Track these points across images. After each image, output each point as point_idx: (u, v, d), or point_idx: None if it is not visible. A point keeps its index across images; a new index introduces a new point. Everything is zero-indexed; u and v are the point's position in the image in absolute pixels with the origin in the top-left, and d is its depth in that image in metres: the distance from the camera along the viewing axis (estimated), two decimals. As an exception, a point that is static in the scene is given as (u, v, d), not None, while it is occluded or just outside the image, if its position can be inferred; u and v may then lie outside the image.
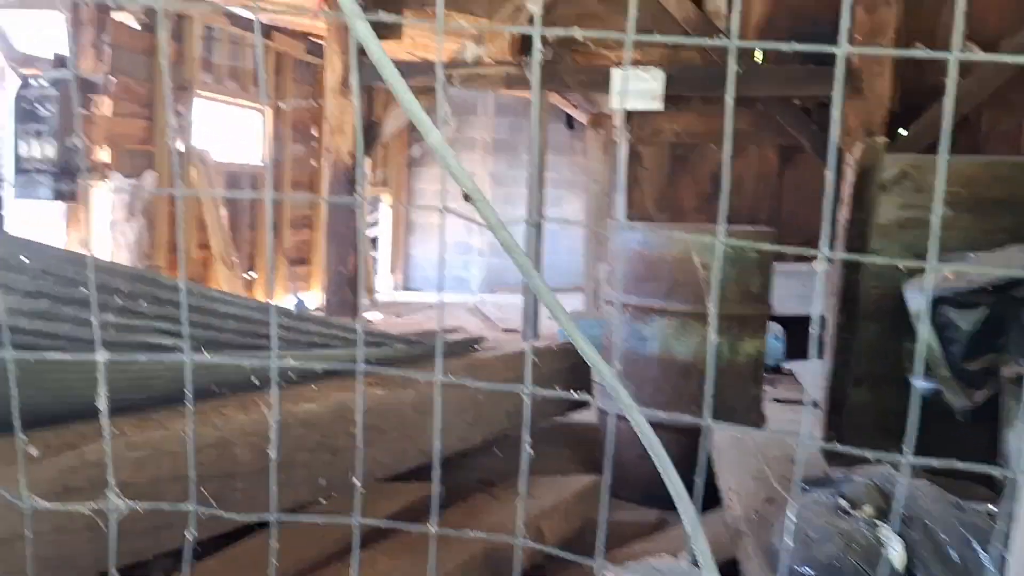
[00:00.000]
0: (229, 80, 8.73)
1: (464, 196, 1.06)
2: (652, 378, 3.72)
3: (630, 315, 3.77)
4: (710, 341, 1.19)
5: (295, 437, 2.83)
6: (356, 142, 5.92)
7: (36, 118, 6.58)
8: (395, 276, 12.53)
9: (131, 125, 7.27)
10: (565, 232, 13.07)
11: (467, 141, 12.59)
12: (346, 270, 6.97)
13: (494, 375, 3.98)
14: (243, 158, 9.25)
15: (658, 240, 3.71)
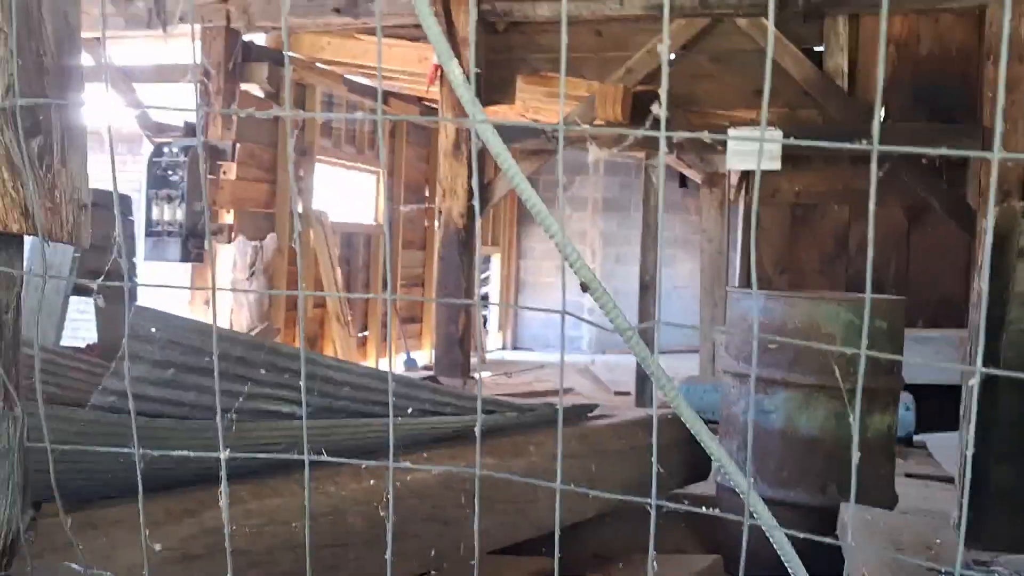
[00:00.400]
0: (347, 144, 9.01)
1: (582, 286, 1.03)
2: (774, 453, 3.58)
3: (750, 386, 3.65)
4: (855, 417, 1.11)
5: (407, 507, 2.82)
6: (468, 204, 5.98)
7: (167, 183, 6.91)
8: (504, 335, 12.58)
9: (254, 189, 7.55)
10: (678, 292, 12.92)
11: (578, 200, 12.63)
12: (456, 330, 7.02)
13: (606, 444, 3.90)
14: (359, 219, 9.49)
15: (779, 307, 3.60)
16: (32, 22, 1.12)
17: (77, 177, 1.17)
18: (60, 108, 1.15)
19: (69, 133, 1.16)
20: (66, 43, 1.18)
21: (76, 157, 1.17)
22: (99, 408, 1.98)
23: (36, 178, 1.09)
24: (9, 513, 1.09)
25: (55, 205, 1.12)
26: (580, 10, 6.94)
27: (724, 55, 6.98)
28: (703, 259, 9.14)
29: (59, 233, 1.12)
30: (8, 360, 1.08)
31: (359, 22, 7.09)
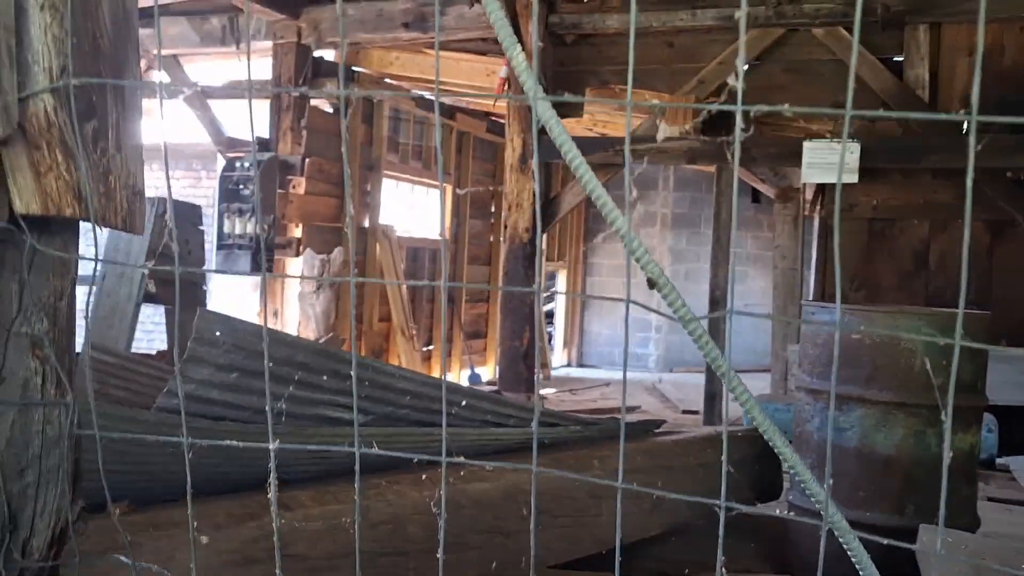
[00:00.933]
0: (414, 159, 9.10)
1: (649, 282, 1.01)
2: (849, 472, 3.47)
3: (824, 403, 3.56)
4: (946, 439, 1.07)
5: (467, 517, 2.80)
6: (533, 218, 6.00)
7: (239, 197, 7.05)
8: (569, 352, 12.53)
9: (323, 203, 7.66)
10: (750, 309, 12.72)
11: (647, 216, 12.55)
12: (520, 345, 7.01)
13: (673, 460, 3.84)
14: (425, 233, 9.56)
15: (856, 322, 3.51)
16: (89, 3, 1.13)
17: (132, 162, 1.17)
18: (116, 92, 1.16)
19: (124, 118, 1.17)
20: (123, 27, 1.19)
21: (131, 142, 1.18)
22: (164, 410, 2.01)
23: (90, 161, 1.09)
24: (59, 503, 1.10)
25: (109, 190, 1.12)
26: (650, 21, 6.91)
27: (800, 66, 6.87)
28: (776, 276, 8.99)
29: (113, 219, 1.12)
30: (61, 348, 1.09)
31: (427, 36, 7.17)
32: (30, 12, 1.07)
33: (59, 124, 1.09)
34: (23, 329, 1.04)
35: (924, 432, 3.33)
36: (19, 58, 1.09)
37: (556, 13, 6.98)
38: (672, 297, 1.03)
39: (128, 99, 1.18)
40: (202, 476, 2.12)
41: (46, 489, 1.07)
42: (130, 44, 1.20)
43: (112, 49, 1.16)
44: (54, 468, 1.08)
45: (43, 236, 1.07)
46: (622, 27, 6.92)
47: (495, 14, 1.00)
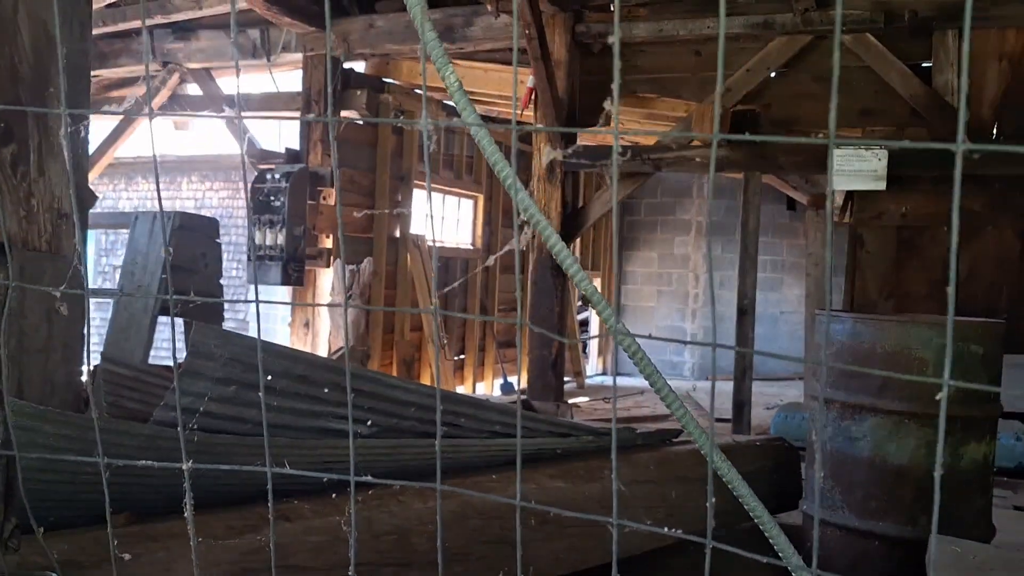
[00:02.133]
0: (445, 169, 9.17)
1: (582, 299, 1.03)
2: (862, 483, 3.45)
3: (837, 412, 3.54)
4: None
5: (473, 528, 2.83)
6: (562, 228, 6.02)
7: (270, 208, 7.15)
8: (604, 360, 12.51)
9: (353, 214, 7.75)
10: (785, 317, 12.61)
11: (680, 224, 12.50)
12: (550, 354, 7.03)
13: (689, 470, 3.84)
14: (456, 242, 9.63)
15: (869, 331, 3.48)
16: (6, 29, 1.16)
17: (56, 185, 1.21)
18: (37, 117, 1.20)
19: (47, 142, 1.21)
20: (45, 52, 1.23)
21: (55, 166, 1.22)
22: (161, 423, 2.06)
23: (8, 186, 1.13)
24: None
25: (31, 214, 1.16)
26: (678, 29, 6.90)
27: (828, 73, 6.81)
28: (809, 283, 8.92)
29: (36, 242, 1.16)
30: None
31: (455, 47, 7.23)
32: None
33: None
34: None
35: (936, 442, 3.30)
36: None
37: (583, 23, 7.00)
38: (607, 316, 1.05)
39: (51, 123, 1.22)
40: (202, 489, 2.18)
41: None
42: (53, 67, 1.24)
43: (32, 74, 1.20)
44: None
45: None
46: (649, 36, 6.91)
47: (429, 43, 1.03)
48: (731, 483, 1.22)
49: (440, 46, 1.03)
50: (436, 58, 1.00)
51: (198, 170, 11.76)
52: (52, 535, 1.74)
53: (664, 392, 1.09)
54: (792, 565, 1.22)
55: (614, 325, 0.98)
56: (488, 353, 9.98)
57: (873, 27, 6.42)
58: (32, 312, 1.48)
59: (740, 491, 1.19)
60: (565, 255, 1.02)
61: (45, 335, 1.61)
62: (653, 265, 12.54)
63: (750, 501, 1.22)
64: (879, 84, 6.58)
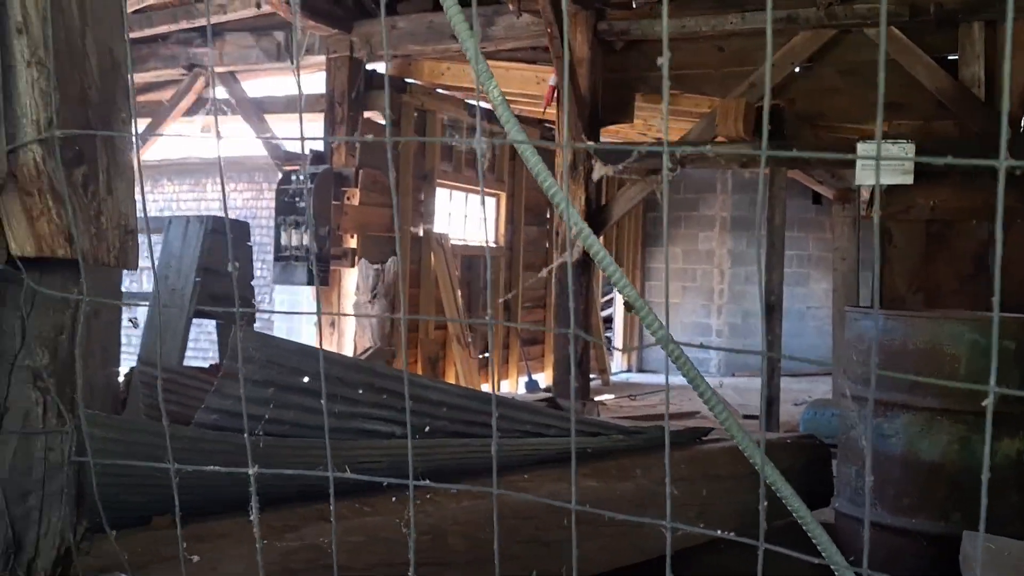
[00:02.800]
0: (467, 168, 9.20)
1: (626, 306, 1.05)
2: (894, 480, 3.45)
3: (868, 409, 3.54)
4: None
5: (507, 528, 2.85)
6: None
7: (295, 209, 7.21)
8: (629, 357, 12.50)
9: (377, 214, 7.80)
10: (812, 312, 12.56)
11: (705, 219, 12.48)
12: (575, 351, 7.04)
13: (720, 468, 3.84)
14: (479, 241, 9.66)
15: (900, 327, 3.48)
16: (75, 55, 1.21)
17: (123, 203, 1.25)
18: (105, 139, 1.24)
19: (114, 161, 1.25)
20: (111, 75, 1.27)
21: (121, 184, 1.26)
22: (202, 426, 2.10)
23: (80, 205, 1.18)
24: (63, 524, 1.18)
25: (100, 231, 1.20)
26: (700, 25, 6.89)
27: (852, 67, 6.80)
28: (836, 278, 8.88)
29: (105, 257, 1.21)
30: (62, 379, 1.17)
31: (478, 47, 7.25)
32: (17, 69, 1.16)
33: (48, 172, 1.17)
34: (25, 362, 1.13)
35: (969, 439, 3.30)
36: (8, 112, 1.17)
37: (605, 20, 7.00)
38: (649, 320, 1.07)
39: (118, 144, 1.27)
40: (241, 489, 2.21)
41: (49, 512, 1.15)
42: (118, 91, 1.29)
43: (100, 98, 1.24)
44: (57, 492, 1.16)
45: (44, 275, 1.17)
46: (672, 32, 6.91)
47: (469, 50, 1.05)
48: (774, 484, 1.24)
49: (484, 62, 1.05)
50: (480, 72, 1.02)
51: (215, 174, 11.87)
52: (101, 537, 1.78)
53: (710, 399, 1.11)
54: (836, 564, 1.23)
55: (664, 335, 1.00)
56: (512, 351, 10.01)
57: (898, 20, 6.39)
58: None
59: (783, 492, 1.21)
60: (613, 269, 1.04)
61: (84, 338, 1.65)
62: (677, 261, 12.52)
63: (793, 502, 1.24)
64: (905, 78, 6.55)
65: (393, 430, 2.55)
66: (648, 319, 1.05)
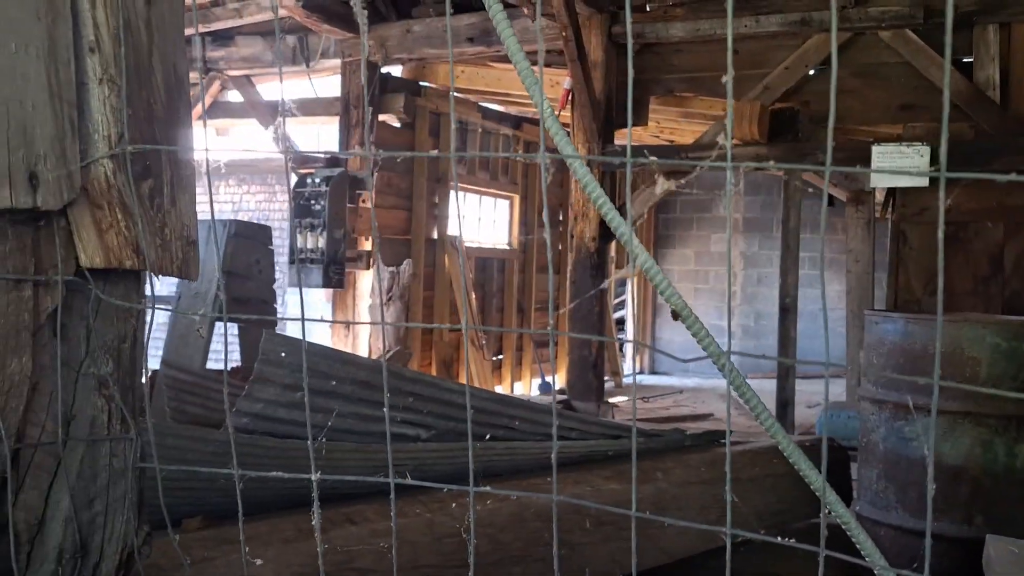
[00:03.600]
0: (481, 171, 9.21)
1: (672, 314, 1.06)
2: (916, 483, 3.44)
3: (890, 413, 3.53)
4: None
5: (531, 530, 2.86)
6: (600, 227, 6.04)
7: (310, 212, 7.22)
8: (641, 359, 12.49)
9: (392, 216, 7.82)
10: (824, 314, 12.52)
11: (718, 221, 12.46)
12: (589, 354, 7.04)
13: (740, 471, 3.85)
14: (493, 243, 9.67)
15: (920, 330, 3.47)
16: (142, 72, 1.23)
17: (185, 215, 1.27)
18: (169, 152, 1.26)
19: (178, 175, 1.27)
20: (175, 91, 1.29)
21: (184, 197, 1.28)
22: (235, 429, 2.11)
23: (147, 218, 1.19)
24: (126, 529, 1.19)
25: (165, 242, 1.22)
26: (715, 28, 6.89)
27: (867, 69, 6.78)
28: (850, 280, 8.87)
29: (169, 268, 1.23)
30: (125, 387, 1.19)
31: (492, 50, 7.27)
32: (90, 86, 1.19)
33: (118, 186, 1.19)
34: (91, 370, 1.15)
35: (992, 442, 3.29)
36: (81, 128, 1.20)
37: (619, 23, 7.01)
38: (696, 328, 1.07)
39: (181, 157, 1.29)
40: (272, 492, 2.23)
41: (113, 517, 1.17)
42: (182, 106, 1.31)
43: (165, 113, 1.26)
44: (120, 498, 1.18)
45: (107, 285, 1.19)
46: (686, 35, 6.91)
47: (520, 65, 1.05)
48: (817, 488, 1.24)
49: (533, 75, 1.05)
50: (529, 86, 1.02)
51: (235, 174, 11.88)
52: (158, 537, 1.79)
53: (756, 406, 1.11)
54: (878, 566, 1.23)
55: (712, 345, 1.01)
56: (526, 353, 10.01)
57: (912, 23, 6.38)
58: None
59: (827, 496, 1.21)
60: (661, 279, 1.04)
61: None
62: (690, 263, 12.51)
63: (836, 507, 1.24)
64: (919, 80, 6.54)
65: (419, 433, 2.56)
66: (695, 328, 1.05)
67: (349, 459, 2.30)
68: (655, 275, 1.03)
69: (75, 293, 1.15)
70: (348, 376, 2.35)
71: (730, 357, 0.94)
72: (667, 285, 1.04)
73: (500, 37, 1.04)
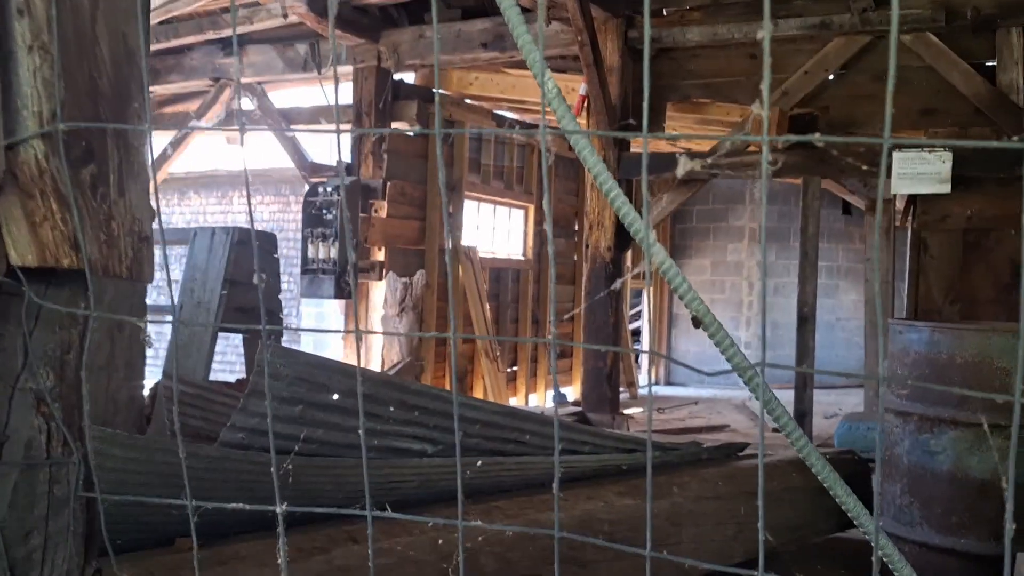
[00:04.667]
0: (495, 180, 9.13)
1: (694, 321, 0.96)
2: (942, 498, 3.32)
3: (914, 425, 3.42)
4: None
5: (541, 547, 2.76)
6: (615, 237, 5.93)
7: (322, 222, 7.15)
8: (656, 370, 12.36)
9: (405, 226, 7.74)
10: (842, 324, 12.38)
11: (733, 230, 12.33)
12: (604, 365, 6.93)
13: (756, 486, 3.73)
14: (507, 253, 9.57)
15: (946, 340, 3.36)
16: (84, 42, 1.10)
17: (137, 207, 1.15)
18: (118, 135, 1.14)
19: (127, 161, 1.14)
20: (124, 64, 1.16)
21: (135, 186, 1.15)
22: (228, 445, 2.02)
23: (88, 209, 1.07)
24: (69, 566, 1.07)
25: (111, 238, 1.10)
26: (732, 32, 6.79)
27: (887, 74, 6.66)
28: (868, 289, 8.74)
29: (117, 268, 1.11)
30: (68, 404, 1.07)
31: (506, 56, 7.19)
32: (18, 55, 1.06)
33: (51, 171, 1.06)
34: (28, 385, 1.03)
35: (1021, 455, 3.17)
36: (6, 103, 1.06)
37: (635, 28, 6.92)
38: (720, 337, 0.98)
39: (132, 141, 1.16)
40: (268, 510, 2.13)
41: (54, 552, 1.06)
42: (133, 82, 1.18)
43: (112, 90, 1.14)
44: (62, 530, 1.07)
45: (49, 288, 1.06)
46: (703, 40, 6.81)
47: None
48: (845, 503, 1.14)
49: (557, 90, 0.96)
50: (551, 99, 0.93)
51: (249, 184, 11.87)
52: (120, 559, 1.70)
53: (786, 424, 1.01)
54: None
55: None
56: (540, 364, 9.91)
57: (934, 26, 6.27)
58: (95, 330, 1.43)
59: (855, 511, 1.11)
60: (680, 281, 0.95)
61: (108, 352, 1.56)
62: (706, 273, 12.38)
63: (864, 520, 1.14)
64: (941, 83, 6.42)
65: (424, 448, 2.47)
66: (719, 336, 0.96)
67: (349, 475, 2.20)
68: (673, 276, 0.93)
69: (11, 297, 1.02)
70: (351, 389, 2.26)
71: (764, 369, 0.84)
72: (687, 288, 0.94)
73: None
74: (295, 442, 2.10)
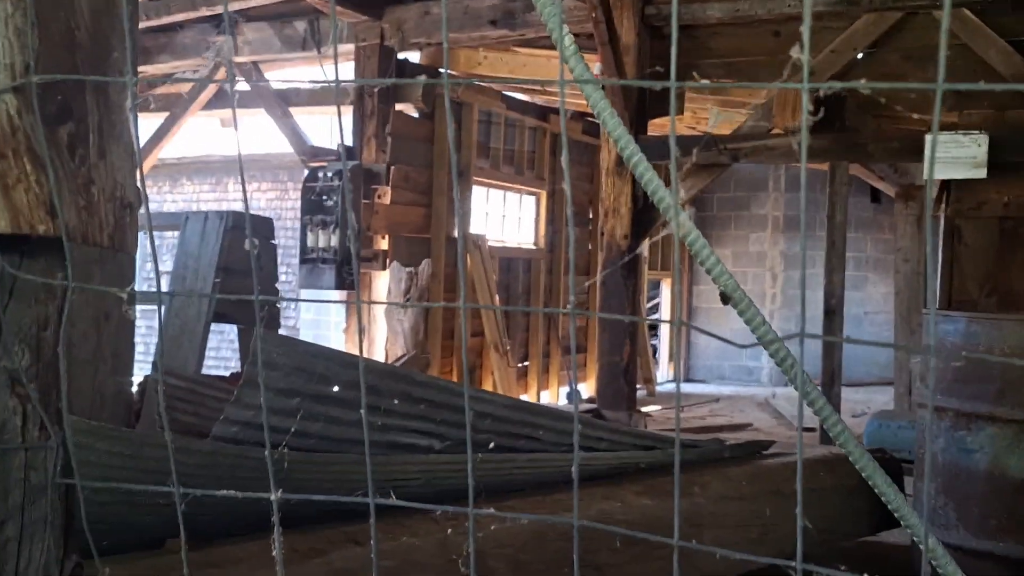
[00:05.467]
0: (505, 165, 9.09)
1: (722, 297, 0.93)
2: (979, 497, 3.28)
3: (950, 421, 3.37)
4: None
5: (554, 550, 2.73)
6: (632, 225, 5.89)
7: (322, 209, 7.11)
8: (676, 365, 12.32)
9: (410, 213, 7.70)
10: (870, 318, 12.32)
11: (756, 219, 12.27)
12: (620, 360, 6.89)
13: (783, 485, 3.70)
14: (518, 242, 9.54)
15: (984, 331, 3.31)
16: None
17: (119, 171, 1.10)
18: (98, 90, 1.09)
19: (108, 120, 1.10)
20: (104, 15, 1.12)
21: (117, 148, 1.11)
22: (221, 439, 2.00)
23: (65, 171, 1.02)
24: (46, 558, 1.04)
25: (91, 203, 1.05)
26: (755, 9, 6.73)
27: (919, 52, 6.61)
28: (898, 281, 8.66)
29: (97, 236, 1.06)
30: (45, 384, 1.03)
31: (516, 34, 7.14)
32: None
33: (25, 128, 1.01)
34: (1, 364, 0.99)
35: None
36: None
37: (652, 4, 6.86)
38: (750, 314, 0.95)
39: (113, 98, 1.11)
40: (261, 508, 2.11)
41: (30, 543, 1.02)
42: (114, 35, 1.13)
43: (91, 42, 1.09)
44: (40, 519, 1.03)
45: (24, 257, 1.01)
46: (724, 16, 6.75)
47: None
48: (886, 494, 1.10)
49: (575, 48, 0.92)
50: (568, 56, 0.90)
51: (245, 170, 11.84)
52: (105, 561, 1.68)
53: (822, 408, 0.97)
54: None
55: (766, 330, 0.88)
56: (553, 360, 9.88)
57: (971, 2, 6.20)
58: (81, 317, 1.38)
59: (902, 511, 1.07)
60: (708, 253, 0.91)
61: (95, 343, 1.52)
62: (727, 264, 12.31)
63: (907, 514, 1.10)
64: (977, 63, 6.35)
65: (432, 443, 2.44)
66: (749, 313, 0.93)
67: (350, 472, 2.17)
68: (701, 248, 0.90)
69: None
70: (354, 381, 2.23)
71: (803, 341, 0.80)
72: (715, 261, 0.91)
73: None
74: (294, 436, 2.07)
